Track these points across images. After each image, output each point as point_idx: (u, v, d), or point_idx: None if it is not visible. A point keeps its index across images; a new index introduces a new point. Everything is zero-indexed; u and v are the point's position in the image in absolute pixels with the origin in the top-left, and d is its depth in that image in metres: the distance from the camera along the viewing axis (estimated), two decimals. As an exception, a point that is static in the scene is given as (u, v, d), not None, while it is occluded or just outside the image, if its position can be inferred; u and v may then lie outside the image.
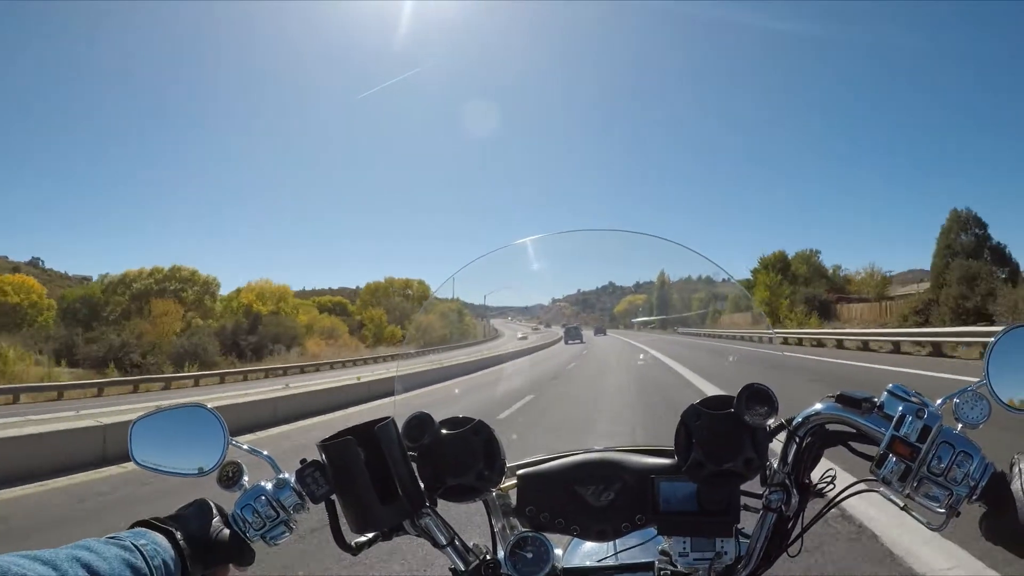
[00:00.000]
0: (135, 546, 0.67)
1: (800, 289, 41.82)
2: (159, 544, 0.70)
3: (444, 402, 1.11)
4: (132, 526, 0.73)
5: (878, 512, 3.77)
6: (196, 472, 0.87)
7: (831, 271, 46.18)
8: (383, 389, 13.45)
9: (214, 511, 0.81)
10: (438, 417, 0.87)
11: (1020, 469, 0.69)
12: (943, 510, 0.71)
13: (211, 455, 0.86)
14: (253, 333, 49.44)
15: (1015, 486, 0.67)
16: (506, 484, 0.90)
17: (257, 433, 9.40)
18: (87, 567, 0.59)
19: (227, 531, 0.79)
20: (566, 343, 3.01)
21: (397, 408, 0.97)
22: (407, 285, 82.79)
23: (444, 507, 0.87)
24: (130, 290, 52.66)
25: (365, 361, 42.90)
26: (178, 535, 0.73)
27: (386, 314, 69.24)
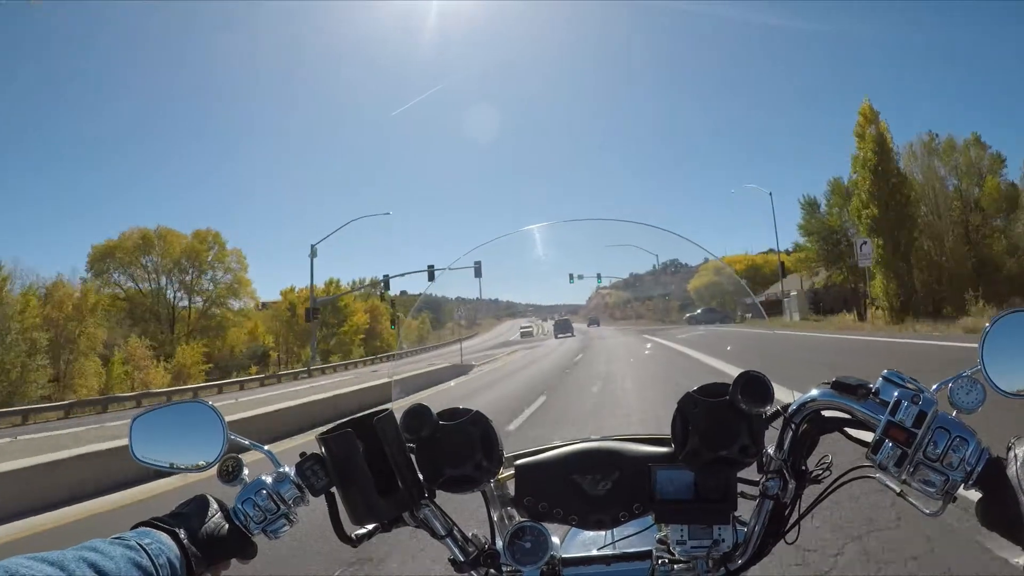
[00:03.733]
0: (140, 545, 0.67)
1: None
2: (163, 543, 0.70)
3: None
4: (135, 526, 0.74)
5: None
6: (196, 467, 0.88)
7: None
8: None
9: (215, 506, 0.81)
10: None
11: (1016, 455, 0.68)
12: (939, 496, 0.71)
13: (211, 450, 0.87)
14: None
15: (1011, 471, 0.67)
16: (504, 475, 0.91)
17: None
18: (94, 567, 0.59)
19: (229, 526, 0.80)
20: (555, 336, 2.86)
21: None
22: (147, 241, 41.96)
23: (443, 498, 0.88)
24: None
25: None
26: (181, 533, 0.74)
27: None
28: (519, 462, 0.90)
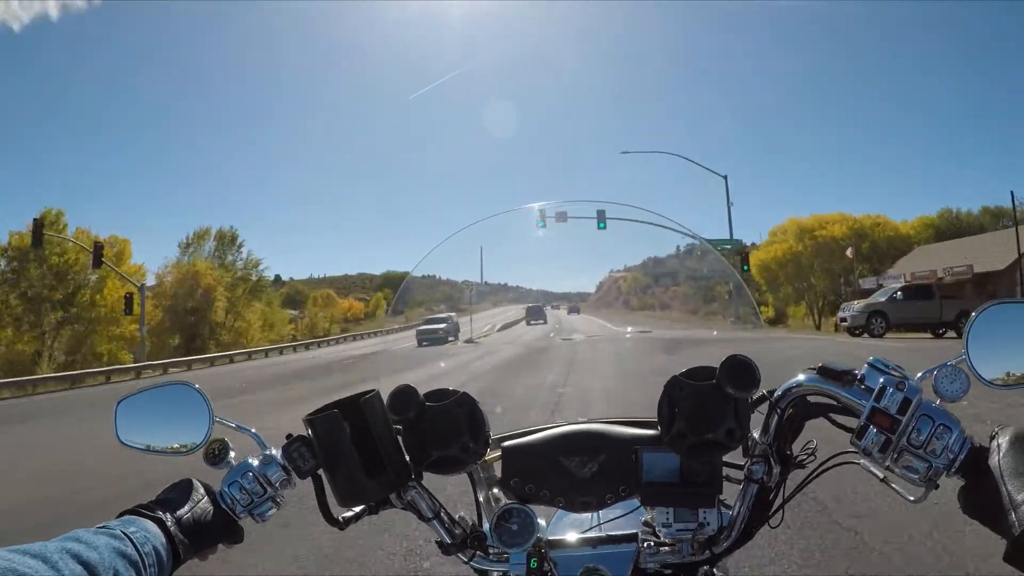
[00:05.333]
0: (125, 534, 0.67)
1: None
2: (149, 531, 0.70)
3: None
4: (121, 514, 0.73)
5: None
6: (182, 451, 0.87)
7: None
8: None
9: (201, 490, 0.81)
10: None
11: (999, 444, 0.69)
12: (922, 482, 0.72)
13: (197, 433, 0.87)
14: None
15: (993, 461, 0.68)
16: (490, 456, 0.91)
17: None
18: (77, 558, 0.58)
19: (215, 510, 0.80)
20: (527, 323, 2.76)
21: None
22: None
23: (429, 480, 0.88)
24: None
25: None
26: (168, 520, 0.73)
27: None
28: (506, 444, 0.91)
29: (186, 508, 0.77)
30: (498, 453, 0.91)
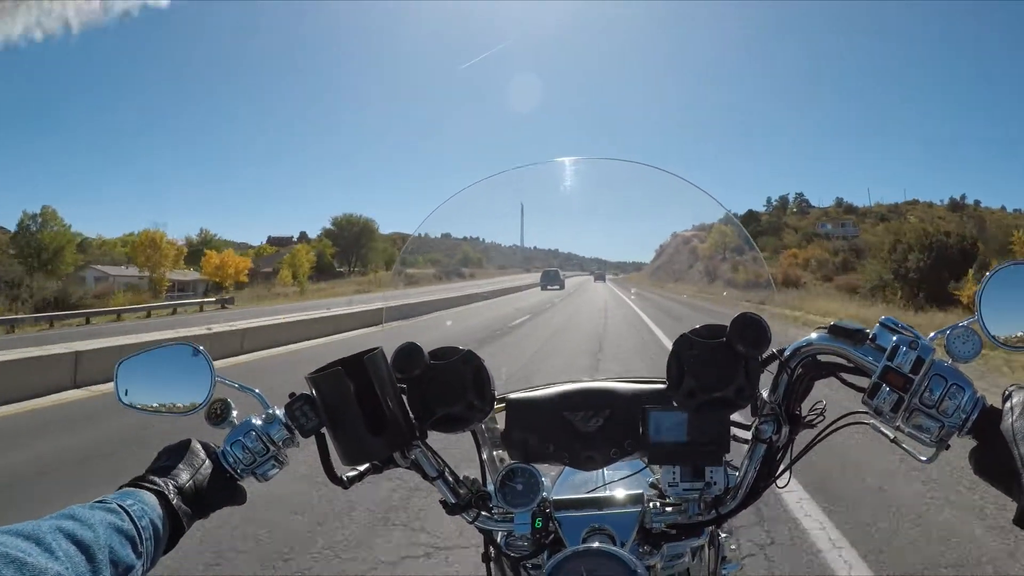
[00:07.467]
0: (122, 508, 0.65)
1: None
2: (147, 503, 0.69)
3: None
4: (121, 487, 0.72)
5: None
6: (184, 411, 0.86)
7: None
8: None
9: (202, 453, 0.80)
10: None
11: (1012, 405, 0.68)
12: (933, 443, 0.71)
13: (198, 393, 0.86)
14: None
15: (1006, 422, 0.67)
16: (496, 411, 0.90)
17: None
18: (71, 537, 0.57)
19: (217, 472, 0.79)
20: (542, 289, 2.65)
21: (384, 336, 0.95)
22: None
23: (433, 440, 0.87)
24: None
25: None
26: (169, 490, 0.72)
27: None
28: (510, 397, 0.90)
29: (187, 476, 0.76)
30: (502, 407, 0.90)
